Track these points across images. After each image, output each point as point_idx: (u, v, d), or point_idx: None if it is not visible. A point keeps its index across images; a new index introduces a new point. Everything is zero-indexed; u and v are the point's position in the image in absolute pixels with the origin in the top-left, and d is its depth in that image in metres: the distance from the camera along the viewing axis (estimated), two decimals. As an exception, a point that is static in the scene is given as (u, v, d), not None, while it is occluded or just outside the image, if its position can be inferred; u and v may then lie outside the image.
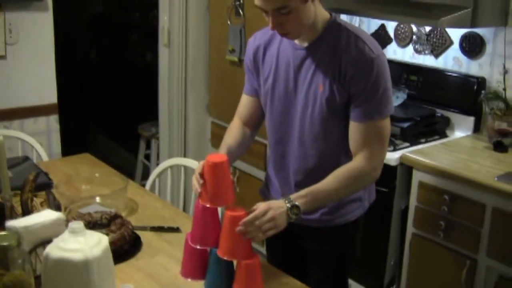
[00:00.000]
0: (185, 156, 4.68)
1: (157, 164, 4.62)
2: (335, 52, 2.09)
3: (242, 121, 2.43)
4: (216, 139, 4.61)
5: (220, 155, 2.09)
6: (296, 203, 2.01)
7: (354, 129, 2.12)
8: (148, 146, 5.43)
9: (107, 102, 7.12)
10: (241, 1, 4.12)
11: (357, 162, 2.11)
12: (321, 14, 2.13)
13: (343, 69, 2.07)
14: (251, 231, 1.91)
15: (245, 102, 2.44)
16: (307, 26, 2.08)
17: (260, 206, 1.95)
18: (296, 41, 2.18)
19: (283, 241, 2.35)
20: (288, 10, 1.99)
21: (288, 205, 1.99)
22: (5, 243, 1.65)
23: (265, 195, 2.52)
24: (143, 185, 3.17)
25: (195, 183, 2.04)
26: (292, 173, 2.32)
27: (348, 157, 2.17)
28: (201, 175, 2.04)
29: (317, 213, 2.27)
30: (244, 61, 2.42)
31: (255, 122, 2.44)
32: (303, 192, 2.05)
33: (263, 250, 4.16)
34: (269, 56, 2.28)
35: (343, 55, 2.08)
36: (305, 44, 2.17)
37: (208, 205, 1.99)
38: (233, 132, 2.38)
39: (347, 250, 2.45)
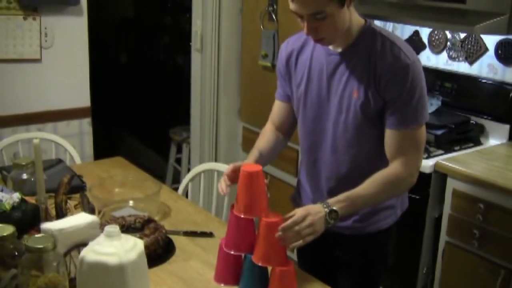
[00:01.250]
0: (216, 160, 4.68)
1: (188, 169, 4.64)
2: (370, 58, 2.08)
3: (275, 126, 2.44)
4: (247, 144, 4.61)
5: (254, 165, 2.08)
6: (334, 208, 1.99)
7: (390, 136, 2.10)
8: (179, 150, 5.45)
9: (138, 106, 7.15)
10: (275, 6, 4.12)
11: (394, 168, 2.10)
12: (356, 19, 2.12)
13: (378, 75, 2.05)
14: (290, 237, 1.90)
15: (277, 107, 2.44)
16: (342, 31, 2.06)
17: (299, 212, 1.94)
18: (330, 47, 2.16)
19: (313, 249, 2.31)
20: (324, 15, 1.97)
21: (327, 210, 1.98)
22: (40, 246, 1.66)
23: (296, 202, 2.51)
24: (174, 189, 3.18)
25: (223, 185, 2.06)
26: (324, 179, 2.31)
27: (382, 163, 2.15)
28: (229, 177, 2.05)
29: (349, 220, 2.26)
30: (277, 66, 2.41)
31: (288, 128, 2.44)
32: (341, 197, 2.04)
33: (294, 256, 4.15)
34: (302, 61, 2.27)
35: (378, 61, 2.06)
36: (339, 50, 2.15)
37: (242, 216, 1.98)
38: (266, 136, 2.40)
39: (379, 259, 2.41)
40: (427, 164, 3.07)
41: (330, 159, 2.26)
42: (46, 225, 1.95)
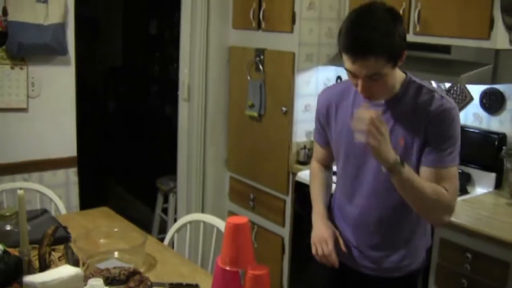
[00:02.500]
0: (203, 210, 4.66)
1: (175, 219, 4.61)
2: (417, 107, 2.19)
3: (320, 163, 2.62)
4: (235, 194, 4.60)
5: (241, 217, 2.08)
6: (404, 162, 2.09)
7: (426, 174, 2.19)
8: (166, 200, 5.42)
9: (125, 155, 7.14)
10: (261, 57, 4.15)
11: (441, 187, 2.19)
12: (398, 73, 2.22)
13: (427, 123, 2.16)
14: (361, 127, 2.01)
15: (320, 150, 2.60)
16: (390, 89, 2.18)
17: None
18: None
19: None
20: (380, 76, 2.07)
21: (398, 157, 2.07)
22: (23, 300, 1.64)
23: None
24: (160, 239, 3.15)
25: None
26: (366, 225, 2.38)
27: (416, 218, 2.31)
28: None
29: (389, 262, 2.35)
30: (316, 115, 2.52)
31: (331, 163, 2.63)
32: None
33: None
34: (342, 111, 2.37)
35: (425, 109, 2.17)
36: (382, 100, 2.23)
37: (227, 268, 1.96)
38: (319, 177, 2.60)
39: None
40: (414, 214, 3.06)
41: (367, 204, 2.34)
42: (29, 278, 1.92)
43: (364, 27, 2.03)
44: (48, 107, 3.92)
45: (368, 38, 2.01)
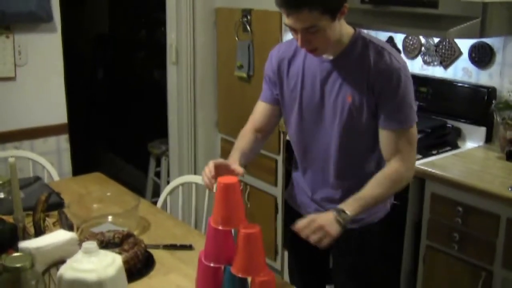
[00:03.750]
0: (195, 173, 4.67)
1: (168, 182, 4.62)
2: (363, 64, 2.18)
3: (255, 128, 2.49)
4: (226, 155, 4.57)
5: (230, 176, 2.08)
6: (343, 208, 2.09)
7: (386, 137, 2.21)
8: (158, 164, 5.43)
9: (116, 121, 7.12)
10: (248, 17, 4.13)
11: (393, 165, 2.21)
12: (346, 29, 2.22)
13: (372, 80, 2.16)
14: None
15: (261, 109, 2.49)
16: (333, 42, 2.16)
17: (307, 217, 2.06)
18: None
19: (309, 243, 2.37)
20: (317, 29, 2.06)
21: (335, 212, 2.07)
22: (18, 265, 1.65)
23: (293, 200, 2.58)
24: (154, 203, 3.16)
25: (205, 178, 2.15)
26: (318, 181, 2.40)
27: (375, 165, 2.31)
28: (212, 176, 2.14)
29: None
30: (265, 71, 2.47)
31: (268, 130, 2.51)
32: (349, 200, 2.15)
33: (277, 266, 4.15)
34: (294, 69, 2.34)
35: (371, 67, 2.16)
36: (331, 57, 2.23)
37: (220, 227, 1.97)
38: (247, 137, 2.47)
39: (372, 251, 2.49)
40: (405, 169, 3.08)
41: (324, 161, 2.35)
42: (24, 244, 1.93)
43: None
44: (36, 75, 3.90)
45: None
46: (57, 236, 1.99)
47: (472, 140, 3.49)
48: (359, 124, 2.22)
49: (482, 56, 3.44)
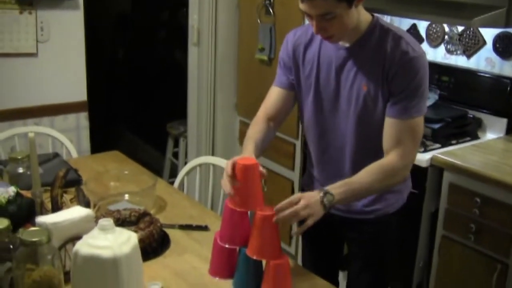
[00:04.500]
0: (213, 154, 4.68)
1: (185, 163, 4.63)
2: (379, 52, 2.12)
3: (268, 115, 2.43)
4: (244, 137, 4.61)
5: (250, 158, 2.07)
6: (330, 191, 2.03)
7: (390, 125, 2.14)
8: (176, 144, 5.44)
9: (135, 100, 7.14)
10: (272, 0, 4.11)
11: (390, 159, 2.14)
12: (364, 16, 2.16)
13: (387, 68, 2.11)
14: (287, 217, 1.92)
15: (275, 95, 2.43)
16: (350, 30, 2.11)
17: (292, 196, 1.98)
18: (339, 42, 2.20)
19: (323, 232, 2.37)
20: (333, 15, 2.01)
21: (321, 193, 2.01)
22: (35, 239, 1.66)
23: (307, 188, 2.53)
24: (171, 183, 3.17)
25: (227, 185, 2.02)
26: (334, 168, 2.35)
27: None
28: (232, 176, 2.02)
29: (358, 205, 2.33)
30: (280, 55, 2.42)
31: (281, 117, 2.45)
32: (337, 184, 2.08)
33: (291, 250, 4.15)
34: (309, 55, 2.30)
35: (387, 55, 2.11)
36: (347, 45, 2.19)
37: (237, 209, 1.97)
38: (259, 126, 2.40)
39: (390, 241, 2.46)
40: (423, 158, 3.07)
41: (339, 151, 2.31)
42: (41, 219, 1.94)
43: None
44: (58, 51, 3.92)
45: None
46: (74, 212, 2.00)
47: (493, 131, 3.46)
48: (374, 114, 2.18)
49: (506, 47, 3.41)
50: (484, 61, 3.54)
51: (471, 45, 3.59)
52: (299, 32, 2.37)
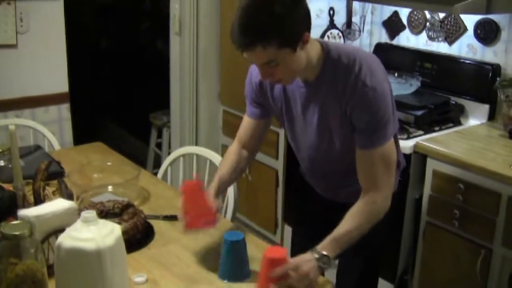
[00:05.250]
0: (196, 144, 4.67)
1: (169, 153, 4.61)
2: (335, 88, 2.06)
3: (242, 143, 2.41)
4: (228, 127, 4.60)
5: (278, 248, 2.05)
6: (324, 253, 2.02)
7: (361, 157, 2.11)
8: (159, 135, 5.42)
9: (118, 91, 7.10)
10: (253, -12, 4.08)
11: (370, 197, 2.11)
12: (314, 50, 2.06)
13: (344, 104, 2.05)
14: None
15: (248, 125, 2.40)
16: (298, 72, 2.04)
17: (291, 260, 1.98)
18: (298, 79, 2.13)
19: (314, 217, 2.44)
20: (276, 63, 1.93)
21: (317, 256, 2.00)
22: (17, 232, 1.64)
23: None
24: (155, 174, 3.16)
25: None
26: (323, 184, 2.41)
27: None
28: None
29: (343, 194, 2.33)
30: (246, 91, 2.36)
31: (255, 145, 2.43)
32: (327, 240, 2.05)
33: (276, 239, 4.15)
34: (276, 91, 2.24)
35: (343, 91, 2.04)
36: (309, 81, 2.12)
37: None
38: (228, 160, 2.38)
39: (380, 230, 2.40)
40: (407, 145, 3.08)
41: (326, 168, 2.34)
42: (23, 212, 1.93)
43: (247, 14, 1.90)
44: (38, 42, 3.88)
45: (248, 26, 1.88)
46: (57, 205, 1.98)
47: (475, 117, 3.47)
48: (349, 140, 2.13)
49: (487, 33, 3.42)
50: (466, 47, 3.55)
51: (453, 32, 3.60)
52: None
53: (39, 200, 2.27)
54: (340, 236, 2.06)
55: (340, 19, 4.11)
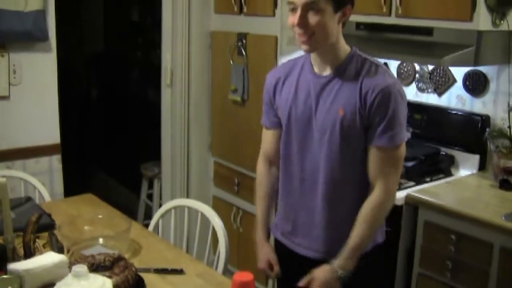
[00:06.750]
0: (187, 196, 4.66)
1: (160, 204, 4.61)
2: (357, 80, 2.18)
3: (268, 159, 2.53)
4: (219, 179, 4.60)
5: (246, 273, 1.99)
6: (343, 265, 2.19)
7: (374, 155, 2.20)
8: (150, 186, 5.41)
9: (109, 141, 7.11)
10: (244, 41, 4.13)
11: (376, 197, 2.21)
12: (343, 45, 2.24)
13: (364, 94, 2.15)
14: None
15: (269, 137, 2.51)
16: (329, 41, 2.16)
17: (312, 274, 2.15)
18: (317, 71, 2.26)
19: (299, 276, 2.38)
20: (318, 8, 2.08)
21: (335, 268, 2.18)
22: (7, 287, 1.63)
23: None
24: (146, 225, 3.14)
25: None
26: (305, 197, 2.37)
27: (362, 183, 2.26)
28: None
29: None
30: (264, 97, 2.48)
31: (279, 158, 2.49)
32: (344, 254, 2.19)
33: (267, 290, 4.11)
34: (288, 84, 2.36)
35: (364, 82, 2.16)
36: (327, 73, 2.24)
37: None
38: (263, 187, 2.55)
39: (375, 276, 2.45)
40: (398, 196, 3.07)
41: (312, 177, 2.32)
42: (13, 266, 1.91)
43: None
44: (31, 94, 3.89)
45: None
46: (47, 258, 1.97)
47: (466, 168, 3.49)
48: (350, 140, 2.21)
49: (476, 84, 3.46)
50: (455, 98, 3.59)
51: (442, 83, 3.63)
52: (279, 68, 2.48)
53: (29, 253, 2.25)
54: (356, 245, 2.20)
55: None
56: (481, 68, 3.40)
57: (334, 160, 2.24)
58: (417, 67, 3.76)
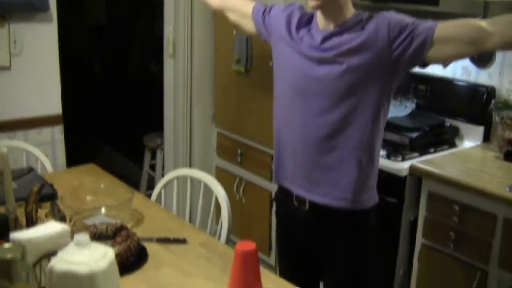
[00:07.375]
0: (190, 166, 4.65)
1: (163, 175, 4.60)
2: (362, 27, 2.24)
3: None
4: (222, 149, 4.59)
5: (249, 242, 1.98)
6: None
7: (443, 30, 2.15)
8: (153, 157, 5.41)
9: (111, 113, 7.10)
10: (247, 10, 4.09)
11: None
12: (350, 8, 2.31)
13: (381, 38, 2.19)
14: None
15: (242, 5, 2.80)
16: (338, 5, 2.25)
17: None
18: (321, 28, 2.32)
19: (297, 249, 2.44)
20: None
21: None
22: (8, 256, 1.62)
23: (277, 179, 2.59)
24: (149, 196, 3.14)
25: None
26: (307, 144, 2.37)
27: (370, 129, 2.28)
28: None
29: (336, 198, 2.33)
30: (274, 9, 2.58)
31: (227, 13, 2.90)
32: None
33: (270, 261, 4.13)
34: (295, 28, 2.40)
35: (372, 26, 2.22)
36: (330, 29, 2.29)
37: None
38: None
39: (363, 243, 2.45)
40: (402, 167, 3.07)
41: (315, 119, 2.32)
42: (15, 235, 1.90)
43: None
44: (32, 64, 3.87)
45: None
46: (49, 228, 1.96)
47: (470, 139, 3.47)
48: (357, 88, 2.23)
49: (481, 55, 3.42)
50: (461, 69, 3.56)
51: (447, 54, 3.60)
52: (303, 11, 2.49)
53: (31, 222, 2.25)
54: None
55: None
56: (487, 39, 3.36)
57: (339, 105, 2.27)
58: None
